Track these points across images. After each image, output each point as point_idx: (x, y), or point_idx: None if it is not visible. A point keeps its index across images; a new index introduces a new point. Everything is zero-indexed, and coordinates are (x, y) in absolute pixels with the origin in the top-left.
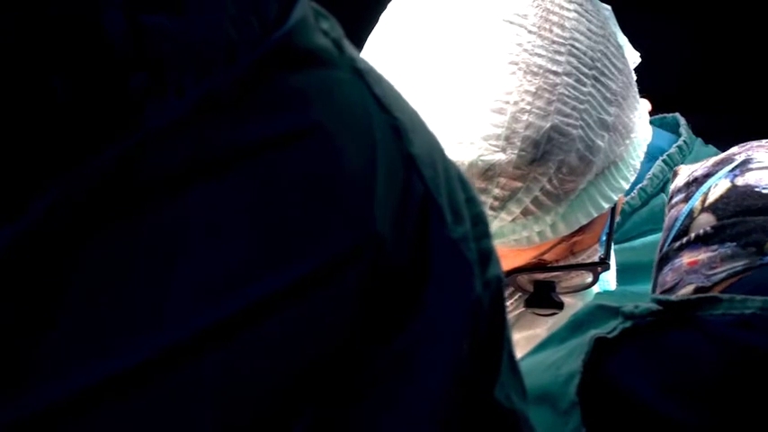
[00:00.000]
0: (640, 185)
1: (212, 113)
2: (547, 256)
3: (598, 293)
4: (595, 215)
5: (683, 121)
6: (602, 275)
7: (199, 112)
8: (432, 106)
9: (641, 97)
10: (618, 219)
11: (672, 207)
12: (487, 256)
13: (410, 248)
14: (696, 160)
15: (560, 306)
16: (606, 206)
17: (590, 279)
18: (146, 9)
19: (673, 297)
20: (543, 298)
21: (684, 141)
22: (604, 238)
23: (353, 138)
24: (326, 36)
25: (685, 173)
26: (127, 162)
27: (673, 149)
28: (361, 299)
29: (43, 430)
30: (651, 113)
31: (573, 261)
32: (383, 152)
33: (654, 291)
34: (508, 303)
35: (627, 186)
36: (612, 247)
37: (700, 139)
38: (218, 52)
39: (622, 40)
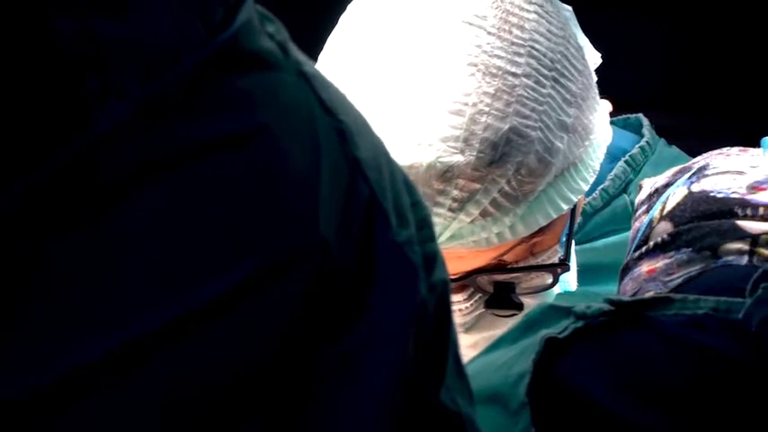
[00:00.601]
0: (602, 186)
1: (158, 116)
2: (507, 257)
3: (559, 294)
4: (555, 216)
5: (646, 121)
6: (563, 276)
7: (144, 115)
8: (390, 108)
9: (606, 97)
10: (579, 219)
11: (635, 220)
12: (432, 259)
13: (355, 251)
14: (658, 161)
15: (520, 307)
16: (565, 207)
17: (550, 280)
18: (92, 13)
19: (625, 297)
20: (503, 299)
21: (647, 142)
22: (564, 239)
23: (298, 140)
24: (272, 39)
25: (649, 185)
26: (77, 165)
27: (635, 150)
28: (305, 300)
29: None
30: (633, 112)
31: (533, 262)
32: (327, 155)
33: None
34: (468, 304)
35: (586, 188)
36: (573, 247)
37: (663, 140)
38: (163, 55)
39: (583, 41)
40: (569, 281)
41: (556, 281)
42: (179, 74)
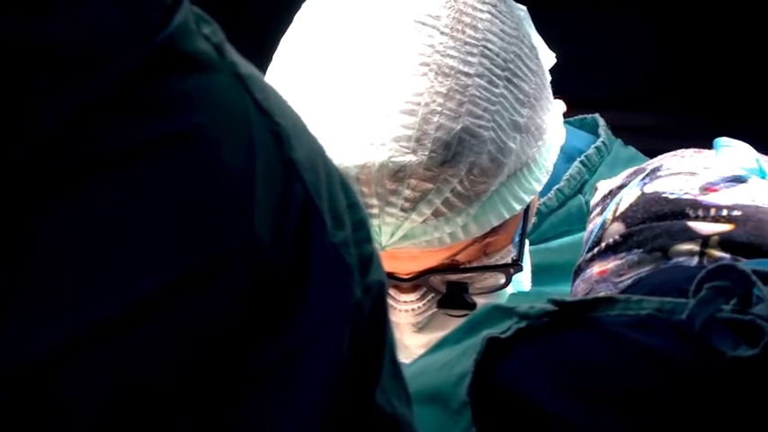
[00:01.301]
0: (557, 187)
1: (94, 117)
2: (459, 257)
3: (512, 294)
4: (507, 217)
5: (602, 121)
6: (517, 276)
7: (80, 116)
8: (343, 107)
9: (560, 97)
10: (534, 220)
11: (590, 221)
12: (368, 260)
13: (290, 252)
14: (614, 161)
15: (473, 307)
16: (518, 207)
17: (503, 280)
18: (33, 15)
19: (568, 298)
20: (456, 299)
21: (603, 142)
22: (518, 239)
23: (233, 142)
24: (208, 41)
25: (604, 187)
26: (14, 166)
27: (590, 151)
28: (241, 300)
29: None
30: (620, 112)
31: (486, 262)
32: (262, 157)
33: None
34: (421, 304)
35: (539, 188)
36: (528, 247)
37: (619, 141)
38: (99, 57)
39: (537, 41)
40: (523, 281)
41: (509, 281)
42: (115, 75)
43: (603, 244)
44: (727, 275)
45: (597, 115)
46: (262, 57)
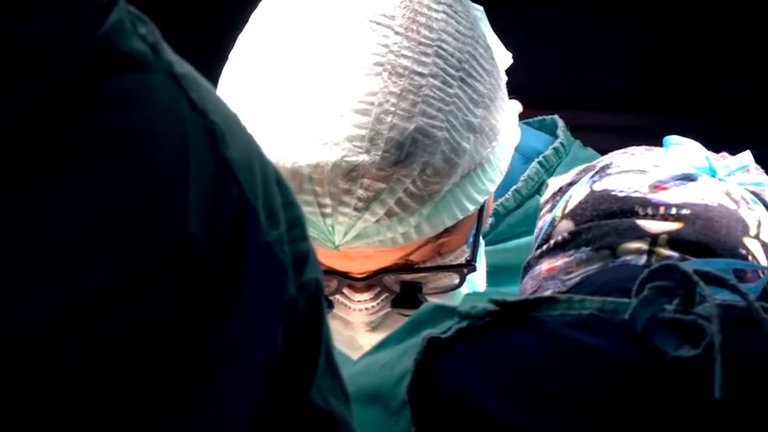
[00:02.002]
0: (515, 187)
1: (33, 116)
2: (413, 257)
3: (467, 295)
4: (461, 217)
5: (561, 122)
6: (471, 277)
7: (16, 117)
8: (297, 106)
9: (515, 97)
10: (491, 220)
11: (539, 218)
12: (304, 258)
13: (225, 250)
14: (573, 162)
15: None
16: (472, 208)
17: (457, 280)
18: None
19: (510, 298)
20: (409, 298)
21: (561, 143)
22: (472, 239)
23: (166, 141)
24: (143, 41)
25: (554, 185)
26: None
27: (548, 151)
28: (175, 298)
29: None
30: (602, 112)
31: (440, 262)
32: (196, 155)
33: None
34: (374, 304)
35: (493, 188)
36: (485, 248)
37: (578, 142)
38: (35, 58)
39: (493, 41)
40: (477, 281)
41: (462, 281)
42: (50, 75)
43: (552, 241)
44: (670, 275)
45: (556, 116)
46: (219, 56)
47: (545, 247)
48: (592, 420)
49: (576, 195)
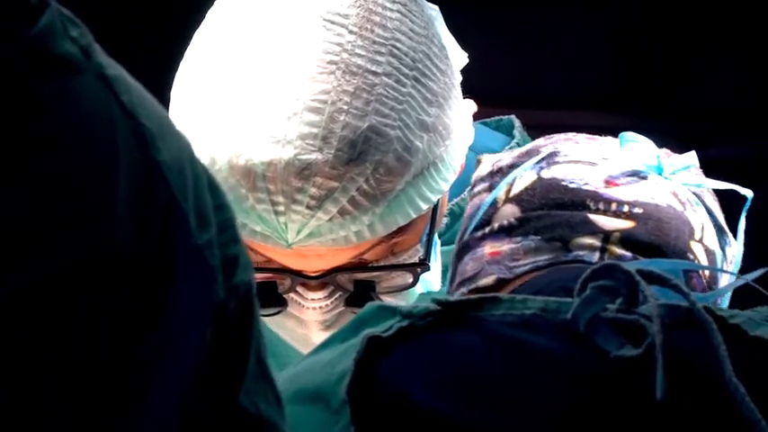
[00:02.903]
0: (470, 187)
1: None
2: (367, 256)
3: (422, 294)
4: (414, 216)
5: (517, 123)
6: (425, 276)
7: None
8: (250, 104)
9: (469, 97)
10: (447, 220)
11: (474, 195)
12: (234, 261)
13: (154, 252)
14: None
15: None
16: (425, 207)
17: (410, 279)
18: None
19: (453, 298)
20: (363, 297)
21: (517, 143)
22: (426, 238)
23: (95, 144)
24: (75, 43)
25: (489, 162)
26: None
27: (504, 151)
28: (104, 301)
29: None
30: (575, 112)
31: (394, 261)
32: (126, 158)
33: (453, 280)
34: (328, 302)
35: (446, 187)
36: (440, 247)
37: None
38: None
39: (448, 40)
40: (432, 281)
41: (416, 280)
42: None
43: (496, 225)
44: (612, 275)
45: (513, 117)
46: (175, 54)
47: (487, 229)
48: (534, 420)
49: (522, 180)
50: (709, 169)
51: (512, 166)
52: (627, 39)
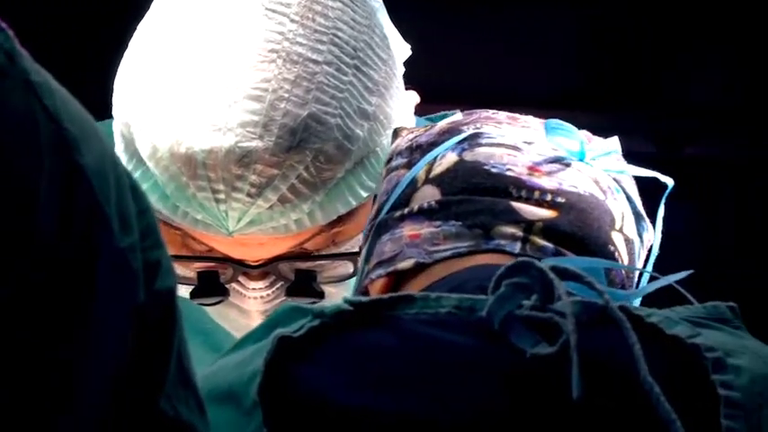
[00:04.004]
0: None
1: None
2: (308, 245)
3: None
4: (354, 205)
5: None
6: None
7: None
8: (191, 92)
9: (411, 88)
10: None
11: (391, 170)
12: (156, 266)
13: (75, 255)
14: None
15: (321, 295)
16: (365, 195)
17: (351, 269)
18: None
19: (365, 297)
20: (304, 287)
21: None
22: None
23: (19, 147)
24: None
25: (407, 136)
26: None
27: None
28: (24, 303)
29: None
30: (550, 111)
31: (335, 251)
32: (49, 161)
33: (368, 259)
34: (270, 292)
35: None
36: None
37: None
38: None
39: (391, 31)
40: None
41: (356, 270)
42: None
43: (416, 206)
44: (527, 272)
45: (458, 111)
46: (119, 46)
47: (406, 210)
48: (449, 419)
49: (443, 161)
50: (693, 166)
51: (432, 144)
52: (611, 37)
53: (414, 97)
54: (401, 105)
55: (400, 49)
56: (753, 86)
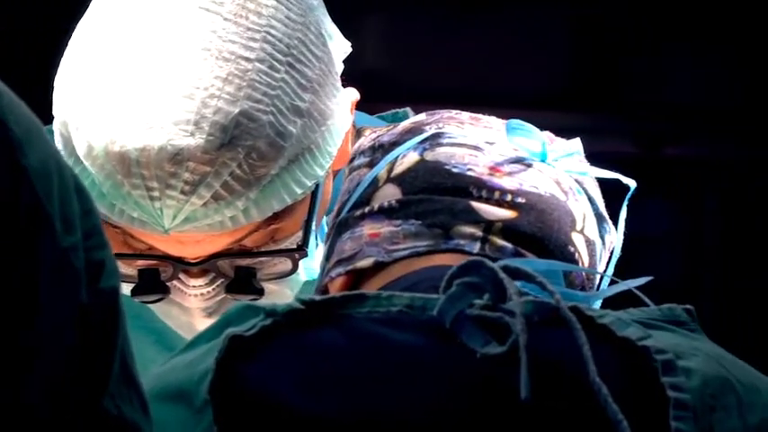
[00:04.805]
0: None
1: None
2: (247, 243)
3: (307, 282)
4: (289, 202)
5: (412, 114)
6: (310, 264)
7: None
8: (124, 90)
9: (349, 85)
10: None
11: (354, 170)
12: (100, 266)
13: (18, 255)
14: None
15: (261, 292)
16: (299, 192)
17: (290, 266)
18: None
19: (317, 296)
20: (244, 284)
21: None
22: (305, 225)
23: None
24: None
25: (371, 136)
26: None
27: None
28: None
29: None
30: (528, 111)
31: (274, 248)
32: None
33: (329, 257)
34: (210, 289)
35: (322, 173)
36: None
37: None
38: None
39: (331, 29)
40: (317, 268)
41: (296, 267)
42: None
43: (376, 205)
44: (478, 271)
45: (408, 109)
46: (59, 42)
47: (367, 208)
48: (399, 418)
49: (405, 161)
50: (673, 167)
51: (394, 144)
52: (592, 39)
53: (352, 94)
54: (338, 102)
55: (339, 47)
56: (733, 87)
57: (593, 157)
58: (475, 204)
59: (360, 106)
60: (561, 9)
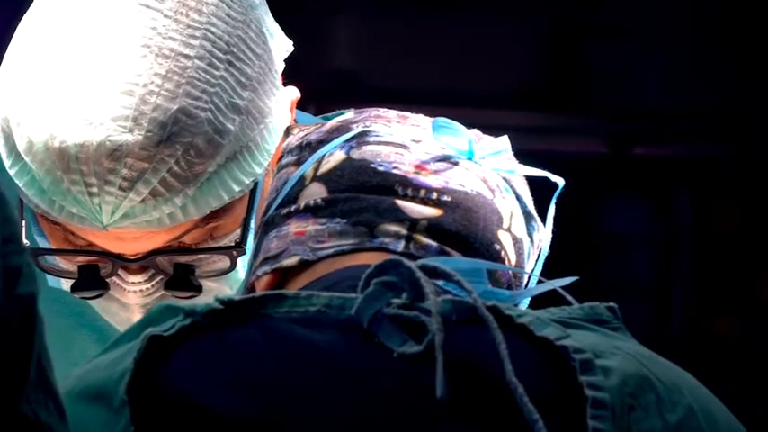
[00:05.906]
0: None
1: None
2: (186, 240)
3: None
4: (227, 200)
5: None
6: (246, 261)
7: None
8: (64, 86)
9: (291, 84)
10: None
11: (281, 168)
12: (17, 272)
13: None
14: None
15: (199, 289)
16: (237, 190)
17: (228, 264)
18: None
19: (236, 296)
20: (182, 281)
21: None
22: (244, 223)
23: None
24: None
25: (299, 134)
26: None
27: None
28: None
29: None
30: (501, 111)
31: (213, 245)
32: None
33: (256, 256)
34: (149, 286)
35: (260, 171)
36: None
37: None
38: None
39: (273, 27)
40: None
41: (234, 264)
42: None
43: (302, 204)
44: (395, 270)
45: (352, 110)
46: (1, 39)
47: (293, 207)
48: (317, 418)
49: (331, 159)
50: (636, 168)
51: (321, 142)
52: (563, 40)
53: (293, 93)
54: (277, 101)
55: (280, 45)
56: (703, 87)
57: (564, 157)
58: (400, 203)
59: (330, 107)
60: (533, 9)
